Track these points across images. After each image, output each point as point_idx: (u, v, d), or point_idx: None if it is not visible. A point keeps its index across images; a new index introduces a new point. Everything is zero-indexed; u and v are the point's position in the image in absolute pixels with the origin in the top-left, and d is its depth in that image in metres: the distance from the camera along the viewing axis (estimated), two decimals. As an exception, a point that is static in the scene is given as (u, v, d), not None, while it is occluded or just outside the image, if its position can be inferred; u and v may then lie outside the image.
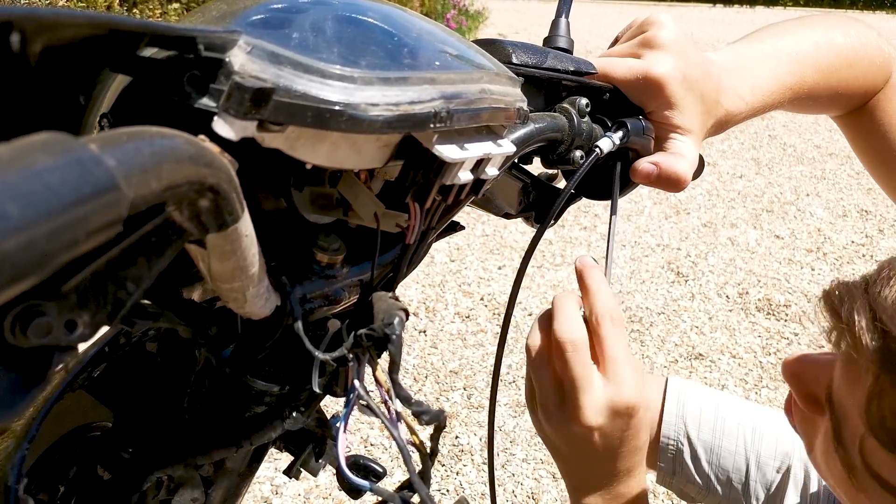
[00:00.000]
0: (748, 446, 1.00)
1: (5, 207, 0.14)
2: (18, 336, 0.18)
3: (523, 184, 0.61)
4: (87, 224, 0.16)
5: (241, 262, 0.28)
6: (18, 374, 0.19)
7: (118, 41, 0.24)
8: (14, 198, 0.14)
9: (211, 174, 0.22)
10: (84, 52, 0.26)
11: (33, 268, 0.15)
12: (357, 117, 0.26)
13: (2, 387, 0.18)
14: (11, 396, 0.18)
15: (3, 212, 0.14)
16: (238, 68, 0.25)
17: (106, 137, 0.18)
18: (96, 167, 0.16)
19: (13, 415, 0.18)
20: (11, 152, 0.16)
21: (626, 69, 0.55)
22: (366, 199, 0.36)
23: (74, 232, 0.16)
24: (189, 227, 0.23)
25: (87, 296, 0.20)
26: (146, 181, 0.18)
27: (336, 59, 0.27)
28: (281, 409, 0.42)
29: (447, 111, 0.30)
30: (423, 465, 0.37)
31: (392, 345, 0.30)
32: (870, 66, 0.66)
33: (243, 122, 0.25)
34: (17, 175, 0.15)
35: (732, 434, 1.00)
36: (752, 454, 0.99)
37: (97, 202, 0.16)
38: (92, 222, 0.16)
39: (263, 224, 0.37)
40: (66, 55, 0.26)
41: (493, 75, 0.36)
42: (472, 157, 0.32)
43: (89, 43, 0.24)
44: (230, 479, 0.47)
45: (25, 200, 0.15)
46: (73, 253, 0.16)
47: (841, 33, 0.66)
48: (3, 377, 0.18)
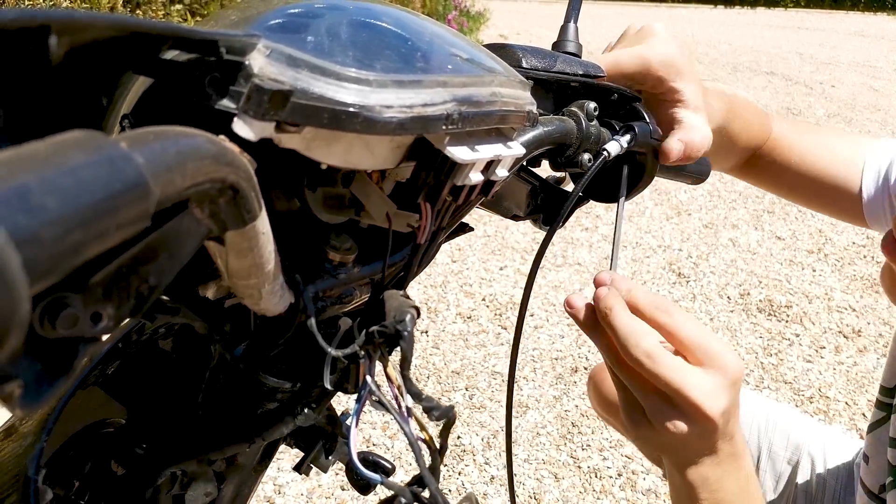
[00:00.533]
0: (761, 436, 1.01)
1: (43, 201, 0.15)
2: (46, 327, 0.19)
3: (532, 186, 0.62)
4: (116, 218, 0.17)
5: (258, 260, 0.29)
6: (45, 365, 0.19)
7: (141, 44, 0.25)
8: (51, 192, 0.15)
9: (232, 172, 0.22)
10: (107, 55, 0.27)
11: (67, 258, 0.16)
12: (372, 119, 0.27)
13: (29, 377, 0.19)
14: (38, 386, 0.19)
15: (42, 205, 0.15)
16: (257, 71, 0.26)
17: (134, 136, 0.19)
18: (127, 164, 0.17)
19: (40, 404, 0.19)
20: (48, 149, 0.16)
21: (633, 55, 0.59)
22: (378, 200, 0.37)
23: (105, 225, 0.16)
24: (209, 224, 0.24)
25: (111, 289, 0.21)
26: (172, 179, 0.18)
27: (351, 63, 0.28)
28: (293, 405, 0.43)
29: (459, 113, 0.30)
30: (432, 460, 0.38)
31: (404, 341, 0.30)
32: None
33: (262, 123, 0.26)
34: (53, 171, 0.16)
35: (746, 423, 1.02)
36: (765, 443, 1.00)
37: (127, 198, 0.17)
38: (121, 216, 0.17)
39: (277, 223, 0.38)
40: (89, 57, 0.26)
41: (504, 79, 0.36)
42: (482, 158, 0.33)
43: (113, 45, 0.25)
44: (242, 474, 0.47)
45: (61, 195, 0.15)
46: (104, 245, 0.17)
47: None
48: (30, 367, 0.19)
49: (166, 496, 0.44)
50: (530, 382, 2.19)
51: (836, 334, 2.52)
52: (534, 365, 2.28)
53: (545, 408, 2.08)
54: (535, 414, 2.05)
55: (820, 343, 2.48)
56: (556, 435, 1.96)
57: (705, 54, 8.57)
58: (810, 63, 8.30)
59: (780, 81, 6.98)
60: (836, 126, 5.21)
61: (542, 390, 2.15)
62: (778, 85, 6.79)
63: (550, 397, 2.12)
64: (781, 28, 11.71)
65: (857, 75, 7.46)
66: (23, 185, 0.14)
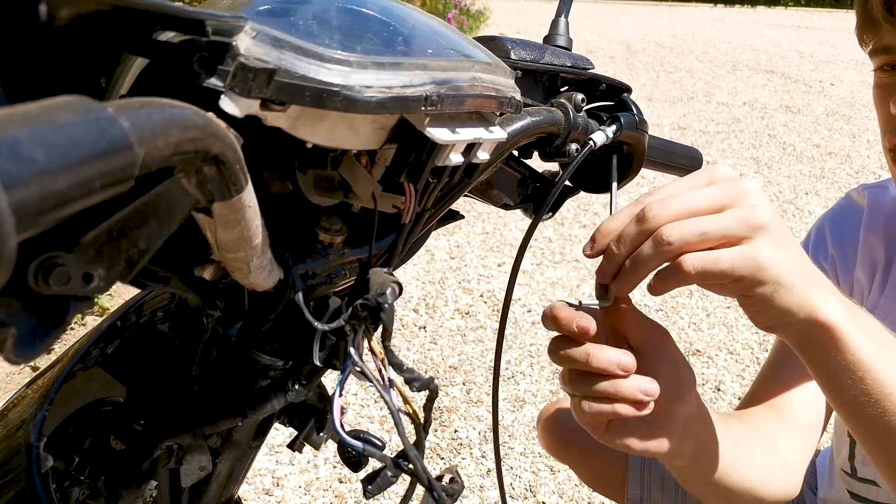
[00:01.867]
0: None
1: (33, 153, 0.16)
2: (41, 283, 0.20)
3: (522, 176, 0.63)
4: (101, 174, 0.18)
5: (246, 233, 0.30)
6: (40, 319, 0.21)
7: (135, 23, 0.27)
8: (40, 145, 0.16)
9: (217, 144, 0.24)
10: (105, 36, 0.28)
11: (54, 208, 0.17)
12: (352, 98, 0.28)
13: (25, 329, 0.20)
14: (33, 338, 0.20)
15: (31, 157, 0.16)
16: (244, 51, 0.28)
17: (122, 103, 0.20)
18: (112, 126, 0.18)
19: (34, 354, 0.20)
20: (39, 109, 0.18)
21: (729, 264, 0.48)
22: (364, 181, 0.38)
23: (90, 180, 0.18)
24: (197, 193, 0.25)
25: (102, 251, 0.22)
26: (156, 143, 0.20)
27: (334, 45, 0.29)
28: (284, 382, 0.44)
29: (438, 95, 0.32)
30: (416, 435, 0.39)
31: (384, 313, 0.32)
32: None
33: (248, 100, 0.27)
34: (43, 127, 0.17)
35: None
36: None
37: (111, 156, 0.18)
38: (106, 173, 0.18)
39: (270, 205, 0.39)
40: (86, 36, 0.28)
41: (485, 65, 0.38)
42: (462, 140, 0.34)
43: (109, 24, 0.26)
44: (237, 450, 0.49)
45: (49, 149, 0.17)
46: (89, 200, 0.18)
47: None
48: (27, 320, 0.21)
49: (163, 470, 0.46)
50: (527, 377, 2.21)
51: (831, 330, 2.53)
52: (531, 360, 2.29)
53: (542, 402, 2.09)
54: (532, 408, 2.06)
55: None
56: (552, 429, 1.98)
57: (705, 53, 8.59)
58: (810, 61, 8.31)
59: (780, 79, 6.99)
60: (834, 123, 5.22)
61: (538, 385, 2.17)
62: (777, 83, 6.81)
63: (547, 392, 2.14)
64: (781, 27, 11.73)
65: (857, 73, 7.46)
66: (14, 138, 0.15)
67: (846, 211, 0.95)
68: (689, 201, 0.48)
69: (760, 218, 0.48)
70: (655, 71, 7.33)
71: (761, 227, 0.47)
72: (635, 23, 11.67)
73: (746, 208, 0.48)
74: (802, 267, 0.50)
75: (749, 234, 0.47)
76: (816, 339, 0.50)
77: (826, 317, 0.49)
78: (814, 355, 0.52)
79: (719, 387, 2.19)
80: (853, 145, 4.80)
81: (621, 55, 8.28)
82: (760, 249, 0.47)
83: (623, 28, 10.71)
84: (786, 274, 0.48)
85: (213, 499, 0.51)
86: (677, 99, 6.06)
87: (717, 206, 0.48)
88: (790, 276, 0.48)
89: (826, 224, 0.96)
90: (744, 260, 0.47)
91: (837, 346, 0.50)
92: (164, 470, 0.45)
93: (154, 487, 0.44)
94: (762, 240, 0.47)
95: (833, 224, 0.95)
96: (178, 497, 0.49)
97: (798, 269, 0.49)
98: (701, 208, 0.48)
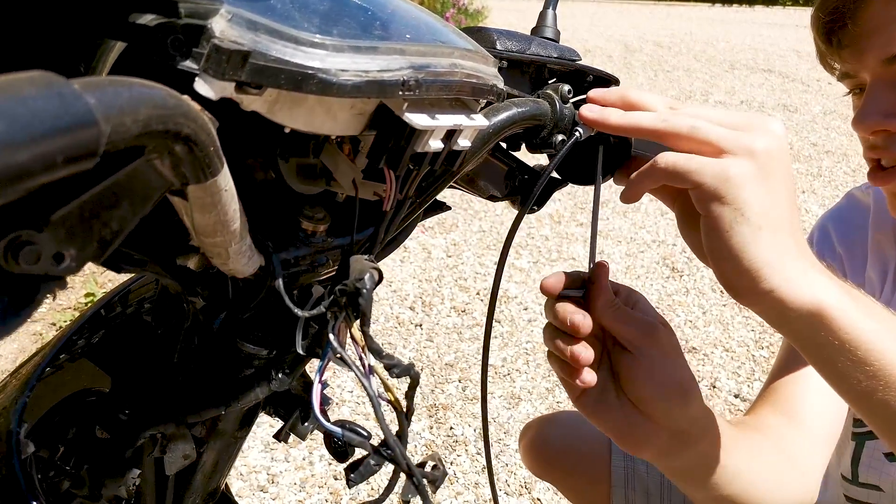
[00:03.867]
0: None
1: None
2: (10, 262, 0.20)
3: (509, 168, 0.63)
4: (63, 150, 0.18)
5: (223, 217, 0.30)
6: (10, 297, 0.21)
7: (111, 6, 0.27)
8: (2, 117, 0.16)
9: (188, 125, 0.24)
10: (82, 20, 0.28)
11: (14, 180, 0.17)
12: (327, 81, 0.28)
13: None
14: (3, 315, 0.20)
15: None
16: (219, 34, 0.28)
17: (89, 80, 0.20)
18: (76, 101, 0.18)
19: (4, 332, 0.20)
20: (2, 82, 0.18)
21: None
22: (345, 168, 0.38)
23: (52, 155, 0.18)
24: (170, 175, 0.25)
25: (73, 232, 0.22)
26: (123, 121, 0.20)
27: (310, 28, 0.29)
28: (268, 371, 0.44)
29: (416, 80, 0.32)
30: (399, 423, 0.39)
31: (362, 298, 0.32)
32: None
33: (222, 82, 0.27)
34: (4, 99, 0.17)
35: None
36: None
37: (75, 131, 0.18)
38: (69, 149, 0.18)
39: (254, 193, 0.39)
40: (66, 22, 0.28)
41: (466, 52, 0.38)
42: (441, 125, 0.34)
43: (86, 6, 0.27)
44: (223, 440, 0.49)
45: (11, 120, 0.17)
46: (52, 175, 0.18)
47: None
48: None
49: (148, 458, 0.46)
50: (523, 375, 2.21)
51: (827, 328, 2.54)
52: (527, 357, 2.29)
53: (537, 399, 2.09)
54: (528, 405, 2.06)
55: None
56: (547, 426, 1.98)
57: (703, 52, 8.58)
58: (808, 61, 8.31)
59: (777, 79, 7.00)
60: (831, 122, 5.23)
61: (534, 382, 2.17)
62: (775, 82, 6.81)
63: (543, 389, 2.14)
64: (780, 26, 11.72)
65: (855, 73, 7.45)
66: (-27, 109, 0.15)
67: (850, 210, 0.93)
68: (707, 111, 0.48)
69: (755, 144, 0.45)
70: (653, 70, 7.33)
71: (752, 153, 0.45)
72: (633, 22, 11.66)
73: (750, 132, 0.46)
74: (779, 222, 0.46)
75: (735, 152, 0.45)
76: (799, 317, 0.47)
77: (808, 294, 0.46)
78: (799, 335, 0.49)
79: (715, 384, 2.19)
80: (850, 144, 4.80)
81: (619, 54, 8.28)
82: (735, 166, 0.45)
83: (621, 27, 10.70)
84: (753, 208, 0.44)
85: (199, 488, 0.51)
86: (675, 98, 6.07)
87: (730, 124, 0.47)
88: (759, 215, 0.45)
89: (830, 223, 0.94)
90: (713, 167, 0.45)
91: (827, 324, 0.47)
92: (148, 459, 0.45)
93: (137, 476, 0.44)
94: (744, 161, 0.45)
95: (837, 223, 0.93)
96: (164, 486, 0.49)
97: (774, 218, 0.45)
98: (713, 118, 0.47)
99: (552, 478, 1.08)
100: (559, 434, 1.06)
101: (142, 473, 0.45)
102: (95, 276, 2.53)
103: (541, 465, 1.07)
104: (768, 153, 0.45)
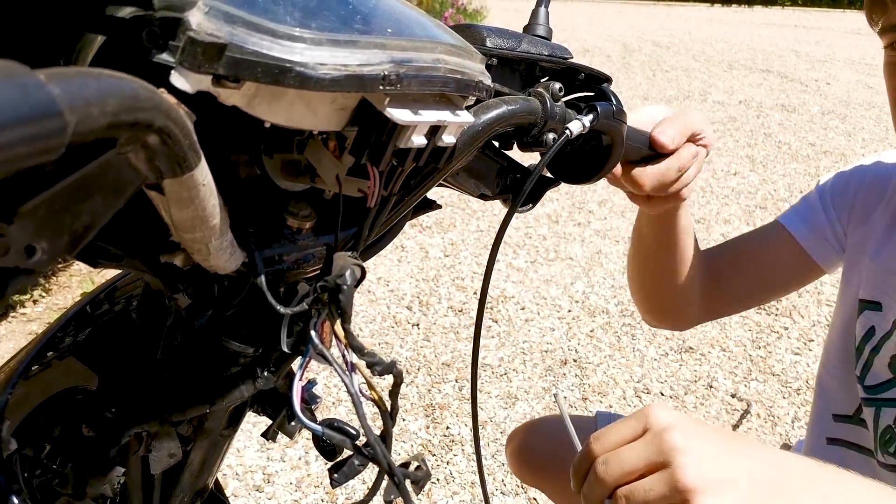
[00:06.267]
0: None
1: None
2: None
3: (500, 166, 0.63)
4: (25, 140, 0.18)
5: (201, 212, 0.30)
6: None
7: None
8: None
9: (161, 117, 0.24)
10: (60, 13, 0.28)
11: None
12: (305, 74, 0.28)
13: None
14: None
15: None
16: (195, 26, 0.27)
17: (55, 71, 0.20)
18: (39, 91, 0.18)
19: None
20: None
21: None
22: (329, 164, 0.38)
23: (12, 145, 0.18)
24: (144, 168, 0.25)
25: (45, 225, 0.22)
26: (90, 112, 0.20)
27: (288, 21, 0.29)
28: (253, 369, 0.44)
29: (397, 75, 0.31)
30: (383, 421, 0.39)
31: (343, 294, 0.32)
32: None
33: (198, 75, 0.27)
34: None
35: None
36: None
37: (37, 123, 0.18)
38: (30, 140, 0.18)
39: (239, 190, 0.39)
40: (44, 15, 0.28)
41: (451, 48, 0.37)
42: (423, 121, 0.34)
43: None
44: (209, 438, 0.48)
45: None
46: (14, 166, 0.18)
47: None
48: None
49: (134, 457, 0.46)
50: (520, 374, 2.20)
51: (825, 327, 2.54)
52: (524, 357, 2.29)
53: (534, 399, 2.09)
54: (525, 405, 2.06)
55: (808, 336, 2.50)
56: (544, 426, 1.98)
57: (702, 52, 8.59)
58: (806, 60, 8.31)
59: (776, 79, 7.00)
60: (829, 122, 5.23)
61: (531, 382, 2.17)
62: (773, 82, 6.81)
63: (540, 389, 2.14)
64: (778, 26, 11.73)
65: (853, 73, 7.47)
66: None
67: (868, 167, 0.97)
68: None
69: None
70: (652, 70, 7.33)
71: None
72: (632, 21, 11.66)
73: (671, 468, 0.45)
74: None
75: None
76: None
77: None
78: None
79: (711, 384, 2.19)
80: (848, 144, 4.80)
81: (618, 54, 8.28)
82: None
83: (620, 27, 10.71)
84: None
85: (187, 487, 0.50)
86: (673, 98, 6.07)
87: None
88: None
89: (851, 175, 0.97)
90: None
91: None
92: (133, 457, 0.45)
93: (122, 475, 0.44)
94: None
95: (857, 175, 0.97)
96: (151, 485, 0.49)
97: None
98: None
99: (538, 484, 1.10)
100: (542, 440, 1.07)
101: (127, 472, 0.45)
102: (92, 275, 2.53)
103: (526, 472, 1.09)
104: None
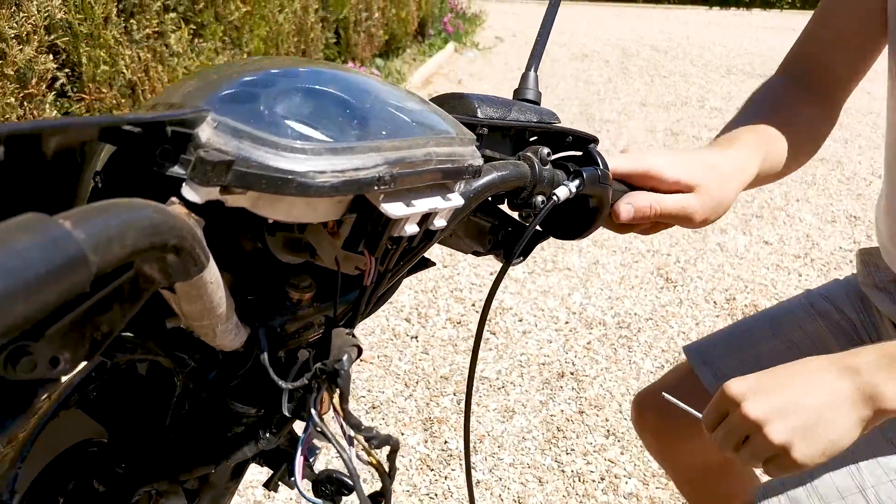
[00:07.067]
0: None
1: None
2: (9, 370, 0.22)
3: (492, 225, 0.65)
4: (57, 288, 0.20)
5: (209, 305, 0.32)
6: (7, 403, 0.23)
7: None
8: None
9: (173, 236, 0.26)
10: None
11: (13, 327, 0.19)
12: (305, 184, 0.30)
13: None
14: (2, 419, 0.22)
15: None
16: (205, 141, 0.30)
17: (79, 213, 0.22)
18: (67, 242, 0.20)
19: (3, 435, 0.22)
20: None
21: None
22: (328, 246, 0.40)
23: (47, 296, 0.20)
24: (158, 277, 0.27)
25: (68, 338, 0.24)
26: (111, 248, 0.22)
27: (290, 134, 0.31)
28: (256, 430, 0.46)
29: (391, 175, 0.34)
30: (382, 483, 0.41)
31: (340, 379, 0.34)
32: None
33: (207, 188, 0.29)
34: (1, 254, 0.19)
35: None
36: None
37: (67, 271, 0.20)
38: (62, 286, 0.20)
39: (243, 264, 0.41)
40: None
41: (442, 137, 0.39)
42: (416, 212, 0.36)
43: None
44: (214, 491, 0.51)
45: (7, 274, 0.19)
46: (47, 311, 0.20)
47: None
48: None
49: None
50: (517, 387, 2.23)
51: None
52: (521, 370, 2.31)
53: (531, 412, 2.11)
54: (522, 419, 2.08)
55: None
56: (541, 439, 2.00)
57: (700, 56, 8.62)
58: (804, 66, 8.31)
59: (773, 85, 7.01)
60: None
61: (528, 395, 2.19)
62: (771, 88, 6.82)
63: (537, 402, 2.16)
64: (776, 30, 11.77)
65: (850, 78, 7.47)
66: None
67: None
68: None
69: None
70: (650, 75, 7.36)
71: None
72: (630, 25, 11.70)
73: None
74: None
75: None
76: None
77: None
78: None
79: (707, 396, 2.21)
80: (845, 151, 4.83)
81: (616, 59, 8.31)
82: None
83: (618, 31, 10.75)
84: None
85: (192, 535, 0.53)
86: (671, 104, 6.09)
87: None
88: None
89: None
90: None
91: None
92: (142, 512, 0.47)
93: (131, 530, 0.46)
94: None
95: None
96: (157, 535, 0.51)
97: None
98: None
99: (669, 450, 1.12)
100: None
101: (136, 526, 0.47)
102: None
103: (661, 431, 1.10)
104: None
